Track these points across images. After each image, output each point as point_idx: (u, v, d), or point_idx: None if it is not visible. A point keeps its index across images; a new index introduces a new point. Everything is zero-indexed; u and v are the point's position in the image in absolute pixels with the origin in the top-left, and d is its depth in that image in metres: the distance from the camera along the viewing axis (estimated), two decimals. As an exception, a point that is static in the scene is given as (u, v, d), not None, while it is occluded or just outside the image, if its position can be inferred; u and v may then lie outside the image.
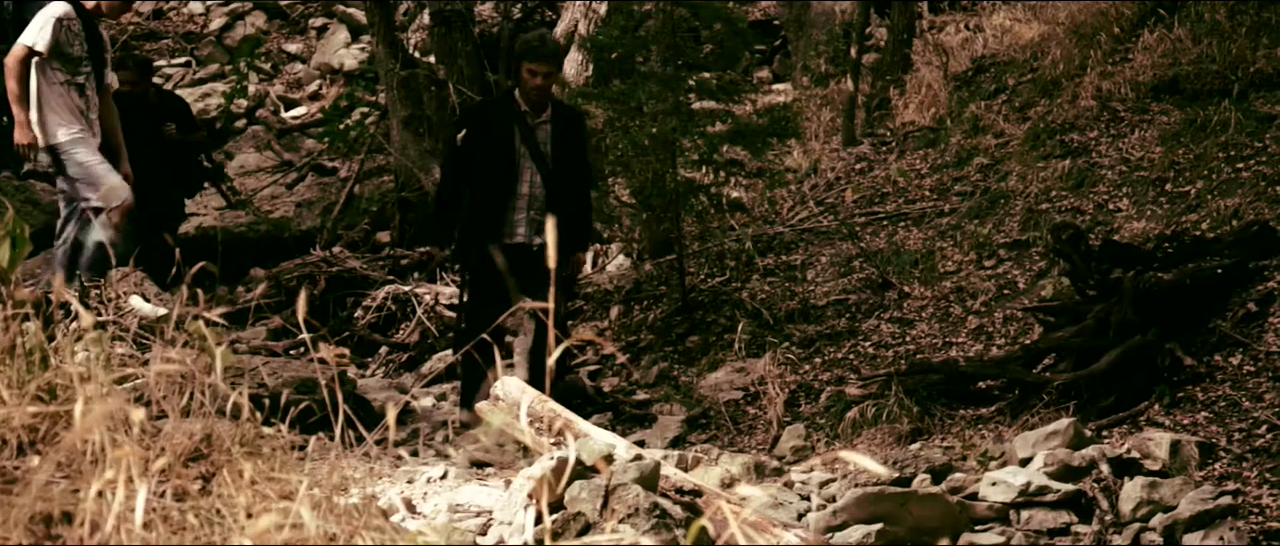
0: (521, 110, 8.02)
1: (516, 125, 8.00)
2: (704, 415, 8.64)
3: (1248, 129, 9.45)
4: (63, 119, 8.64)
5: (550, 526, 4.73)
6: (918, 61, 13.79)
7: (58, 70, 8.61)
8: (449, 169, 8.34)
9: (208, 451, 3.32)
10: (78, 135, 8.62)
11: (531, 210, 8.02)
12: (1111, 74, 11.18)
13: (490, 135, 8.04)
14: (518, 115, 8.01)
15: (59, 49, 8.59)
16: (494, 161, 7.97)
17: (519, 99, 8.03)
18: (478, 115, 8.66)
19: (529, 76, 7.91)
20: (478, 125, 8.20)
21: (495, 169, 7.96)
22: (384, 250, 12.51)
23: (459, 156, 8.14)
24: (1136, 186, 9.51)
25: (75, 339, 3.63)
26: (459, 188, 8.07)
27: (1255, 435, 6.69)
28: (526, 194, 8.02)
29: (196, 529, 3.04)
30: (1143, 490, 5.69)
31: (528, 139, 8.01)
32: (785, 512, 5.72)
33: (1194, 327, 7.54)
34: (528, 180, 8.02)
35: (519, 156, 8.00)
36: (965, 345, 8.62)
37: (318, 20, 17.93)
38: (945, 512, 5.61)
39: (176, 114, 11.53)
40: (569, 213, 7.85)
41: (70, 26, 8.66)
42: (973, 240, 9.81)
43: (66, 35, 8.64)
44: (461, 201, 8.04)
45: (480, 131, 8.10)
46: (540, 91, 7.98)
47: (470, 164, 8.02)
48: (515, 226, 8.03)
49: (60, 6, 8.75)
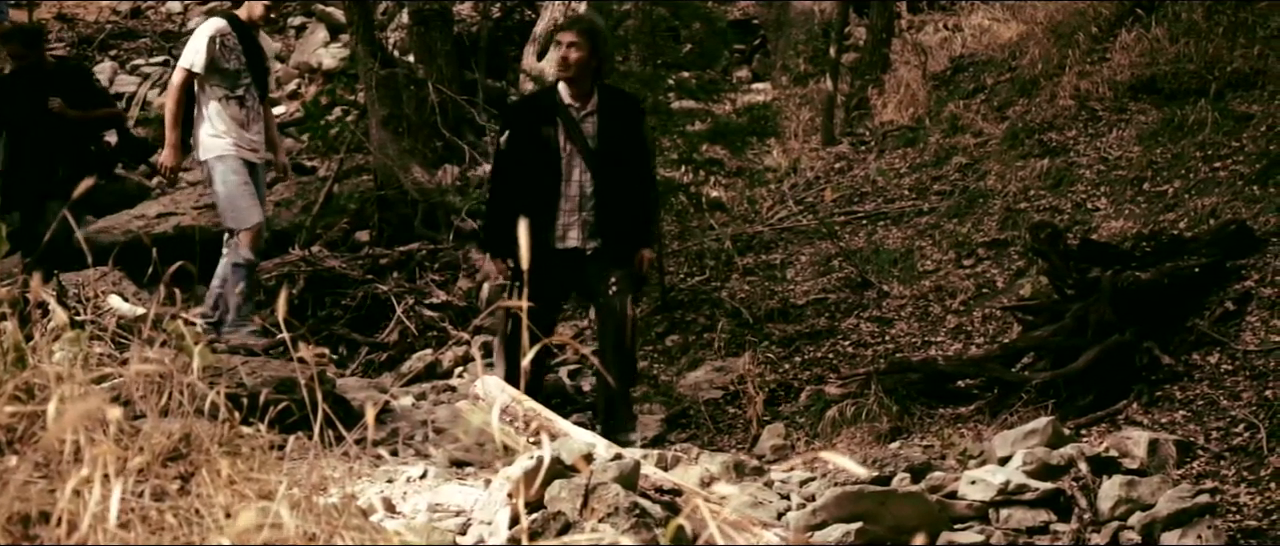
0: (565, 103, 7.55)
1: (560, 119, 7.53)
2: (684, 414, 8.64)
3: (1225, 128, 9.48)
4: (218, 134, 8.75)
5: (530, 526, 4.72)
6: (897, 61, 13.82)
7: (217, 85, 8.73)
8: (497, 174, 7.84)
9: (186, 451, 3.31)
10: (228, 152, 8.72)
11: (583, 211, 7.55)
12: (1089, 73, 11.22)
13: (533, 133, 7.57)
14: (561, 109, 7.54)
15: (215, 65, 8.70)
16: (540, 161, 7.52)
17: (562, 92, 7.57)
18: (520, 112, 8.05)
19: (556, 48, 7.54)
20: (521, 123, 7.71)
21: (542, 169, 7.51)
22: (363, 249, 12.48)
23: (504, 160, 7.68)
24: (1114, 186, 9.54)
25: (52, 338, 3.61)
26: (509, 193, 7.60)
27: (1233, 434, 6.71)
28: (576, 195, 7.55)
29: (175, 528, 3.04)
30: (1121, 488, 5.70)
31: (573, 134, 7.53)
32: (765, 511, 5.73)
33: (1172, 326, 7.56)
34: (576, 179, 7.54)
35: (564, 154, 7.53)
36: (944, 344, 8.63)
37: (296, 19, 17.89)
38: (925, 511, 5.61)
39: (73, 87, 10.53)
40: (627, 208, 7.59)
41: (225, 41, 8.74)
42: (952, 239, 9.84)
43: (221, 50, 8.72)
44: (512, 208, 7.51)
45: (523, 130, 7.63)
46: (567, 64, 7.46)
47: (518, 166, 7.59)
48: (567, 231, 7.56)
49: (214, 22, 8.89)
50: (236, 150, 8.76)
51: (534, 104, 7.94)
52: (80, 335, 3.63)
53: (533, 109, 7.80)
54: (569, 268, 7.49)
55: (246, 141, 8.81)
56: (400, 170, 12.65)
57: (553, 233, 7.50)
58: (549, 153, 7.50)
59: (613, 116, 7.62)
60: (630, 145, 7.70)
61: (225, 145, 8.73)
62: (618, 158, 7.59)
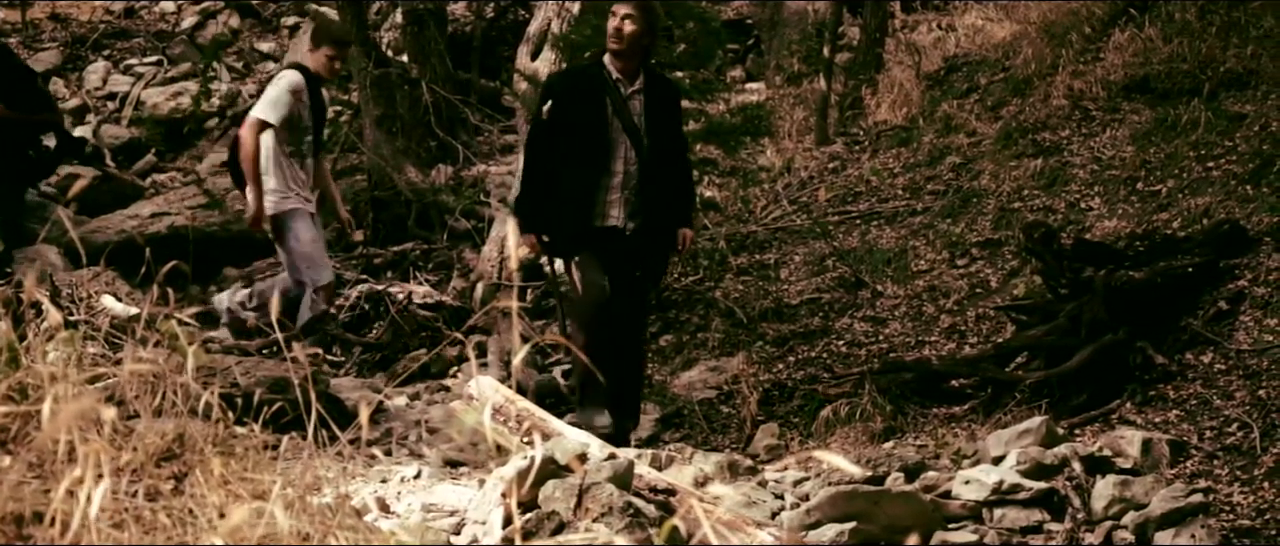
0: (613, 79, 7.30)
1: (608, 95, 7.28)
2: (678, 414, 8.64)
3: (1218, 128, 9.49)
4: (284, 190, 8.67)
5: (523, 525, 4.72)
6: (890, 61, 13.83)
7: (284, 142, 8.61)
8: (534, 146, 7.48)
9: (180, 451, 3.31)
10: (300, 207, 8.67)
11: (626, 190, 7.32)
12: (1083, 73, 11.23)
13: (579, 107, 7.28)
14: (609, 84, 7.29)
15: (289, 121, 8.61)
16: (585, 136, 7.26)
17: (609, 66, 7.31)
18: (565, 84, 7.63)
19: (609, 18, 7.28)
20: (565, 96, 7.38)
21: (586, 144, 7.26)
22: (357, 249, 12.48)
23: (545, 131, 7.34)
24: (1108, 185, 9.55)
25: (46, 338, 3.61)
26: (547, 167, 7.33)
27: (1226, 433, 6.72)
28: (621, 172, 7.29)
29: (169, 528, 3.03)
30: (1115, 488, 5.70)
31: (620, 110, 7.28)
32: (759, 511, 5.73)
33: (1165, 326, 7.57)
34: (622, 157, 7.29)
35: (612, 130, 7.27)
36: (938, 344, 8.64)
37: (290, 19, 17.88)
38: (918, 511, 5.61)
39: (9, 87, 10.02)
40: (668, 191, 7.47)
41: (301, 97, 8.64)
42: (945, 239, 9.84)
43: (298, 106, 8.63)
44: (551, 182, 7.30)
45: (568, 103, 7.32)
46: (620, 36, 7.24)
47: (558, 139, 7.29)
48: (608, 208, 7.32)
49: (294, 77, 8.73)
50: (305, 204, 8.72)
51: (581, 77, 7.55)
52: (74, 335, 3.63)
53: (579, 82, 7.48)
54: (606, 246, 7.31)
55: (306, 195, 8.76)
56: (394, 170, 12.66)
57: (594, 209, 7.30)
58: (596, 128, 7.25)
59: (658, 99, 7.45)
60: (673, 130, 7.59)
61: (296, 200, 8.67)
62: (661, 140, 7.42)
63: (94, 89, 16.63)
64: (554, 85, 7.64)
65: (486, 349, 9.70)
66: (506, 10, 16.57)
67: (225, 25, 17.68)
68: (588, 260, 7.28)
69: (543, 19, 11.65)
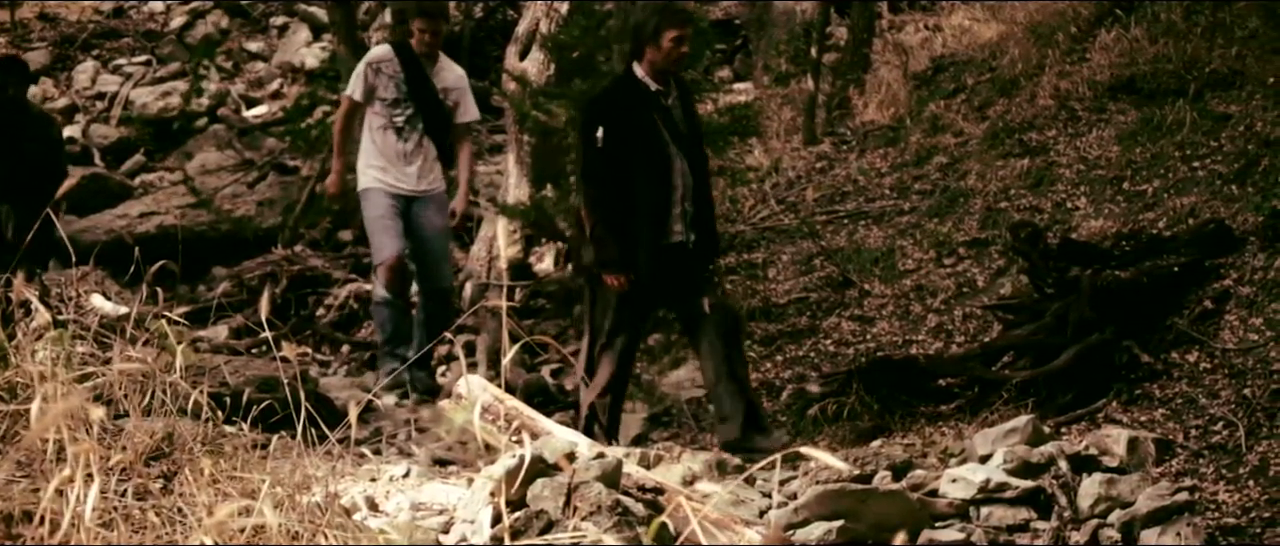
0: (652, 90, 7.15)
1: (654, 110, 7.14)
2: (666, 413, 8.66)
3: (1203, 128, 9.52)
4: (367, 166, 8.63)
5: (512, 524, 4.73)
6: (877, 61, 13.85)
7: (377, 115, 8.60)
8: (598, 177, 7.15)
9: (169, 450, 3.32)
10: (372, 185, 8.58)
11: (686, 203, 7.16)
12: (1069, 73, 11.25)
13: (630, 126, 7.10)
14: (650, 97, 7.14)
15: (373, 93, 8.59)
16: (643, 155, 7.08)
17: (644, 78, 7.15)
18: (609, 106, 7.30)
19: (673, 45, 7.07)
20: (613, 118, 7.15)
21: (649, 163, 7.07)
22: (345, 249, 12.49)
23: (605, 158, 7.08)
24: (1094, 185, 9.58)
25: (35, 337, 3.62)
26: (616, 195, 7.07)
27: (1212, 432, 6.75)
28: (679, 186, 7.14)
29: (158, 527, 3.05)
30: (1101, 486, 5.72)
31: (667, 122, 7.16)
32: (747, 510, 5.74)
33: (1151, 325, 7.59)
34: (678, 170, 7.14)
35: (666, 144, 7.12)
36: (925, 343, 8.66)
37: (279, 19, 17.86)
38: (906, 509, 5.63)
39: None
40: (710, 196, 7.48)
41: (380, 69, 8.59)
42: (932, 238, 9.86)
43: (377, 78, 8.58)
44: (625, 210, 7.06)
45: (620, 123, 7.11)
46: (681, 60, 7.20)
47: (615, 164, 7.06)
48: (674, 224, 7.15)
49: (375, 50, 8.82)
50: (380, 183, 8.59)
51: (626, 94, 7.27)
52: (63, 334, 3.64)
53: (626, 100, 7.24)
54: (671, 263, 7.18)
55: (397, 173, 8.61)
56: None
57: (666, 228, 7.12)
58: (654, 144, 7.10)
59: (687, 102, 7.41)
60: (701, 130, 7.57)
61: (371, 178, 8.61)
62: (700, 145, 7.41)
63: (83, 88, 16.60)
64: (599, 108, 7.34)
65: (475, 348, 9.71)
66: (495, 10, 16.57)
67: (214, 25, 17.66)
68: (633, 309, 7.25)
69: (531, 19, 11.65)
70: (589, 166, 7.24)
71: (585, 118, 7.36)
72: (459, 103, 8.79)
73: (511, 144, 11.48)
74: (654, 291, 7.25)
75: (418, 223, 8.68)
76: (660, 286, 7.23)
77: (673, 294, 7.33)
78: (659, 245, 7.08)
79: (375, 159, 8.61)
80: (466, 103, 8.84)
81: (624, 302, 7.14)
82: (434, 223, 8.74)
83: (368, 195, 8.61)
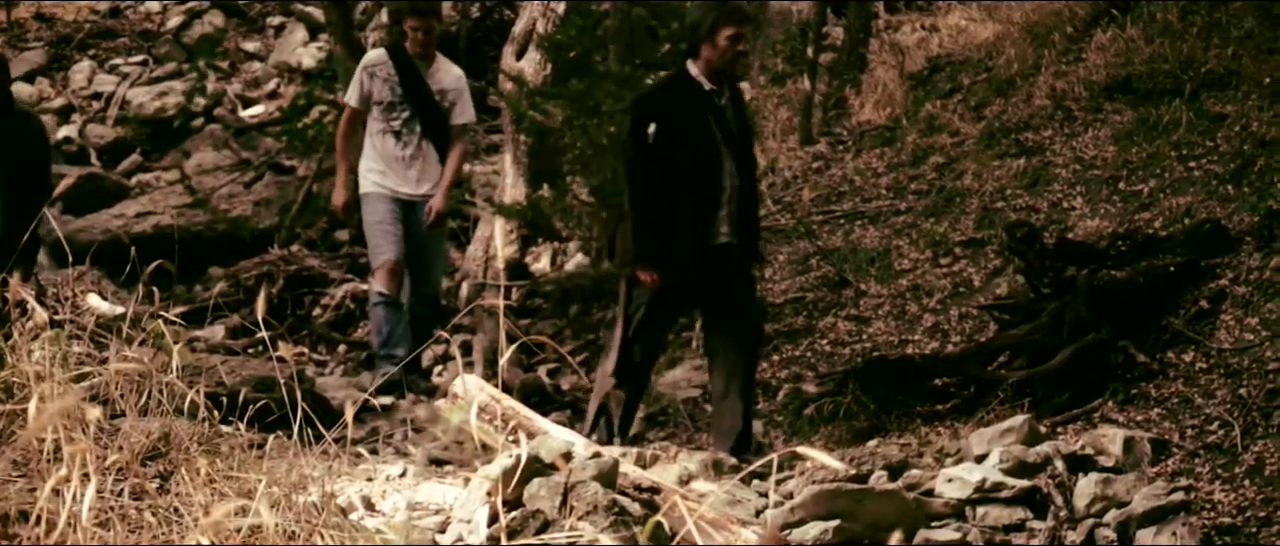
0: (706, 89, 7.06)
1: (707, 109, 7.06)
2: (662, 412, 8.66)
3: (1199, 128, 9.53)
4: (367, 170, 8.60)
5: (508, 524, 4.74)
6: (874, 61, 13.84)
7: (375, 119, 8.57)
8: (644, 174, 7.04)
9: (166, 449, 3.32)
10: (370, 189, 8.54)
11: (733, 204, 7.08)
12: (1065, 73, 11.26)
13: (686, 124, 7.02)
14: (704, 96, 7.05)
15: (370, 98, 8.56)
16: (693, 154, 7.01)
17: (698, 77, 7.07)
18: (662, 102, 7.20)
19: (729, 44, 6.98)
20: (666, 114, 7.05)
21: (698, 162, 7.00)
22: (342, 248, 12.49)
23: (654, 156, 6.99)
24: (1090, 185, 9.58)
25: (32, 337, 3.62)
26: (661, 192, 6.99)
27: (1207, 431, 6.76)
28: (728, 186, 7.06)
29: (154, 527, 3.05)
30: (1097, 486, 5.73)
31: (719, 122, 7.08)
32: (743, 509, 5.75)
33: (1147, 325, 7.60)
34: (727, 170, 7.06)
35: (717, 144, 7.05)
36: (921, 342, 8.67)
37: (275, 19, 17.86)
38: (902, 509, 5.64)
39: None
40: (756, 198, 7.46)
41: (375, 73, 8.55)
42: (929, 238, 9.87)
43: (373, 82, 8.54)
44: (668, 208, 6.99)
45: (672, 121, 7.02)
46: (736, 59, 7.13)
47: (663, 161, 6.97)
48: (720, 225, 7.06)
49: (370, 54, 8.78)
50: (380, 187, 8.55)
51: (675, 92, 7.19)
52: (59, 334, 3.64)
53: (676, 98, 7.15)
54: (716, 264, 7.11)
55: (397, 177, 8.58)
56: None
57: (712, 229, 7.05)
58: (706, 143, 7.02)
59: (738, 103, 7.34)
60: (750, 132, 7.52)
61: (370, 182, 8.58)
62: (749, 145, 7.38)
63: (79, 88, 16.60)
64: (651, 104, 7.24)
65: (472, 347, 9.71)
66: (491, 10, 16.57)
67: (211, 25, 17.65)
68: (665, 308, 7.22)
69: (528, 19, 11.66)
70: (636, 162, 7.13)
71: (636, 113, 7.25)
72: (456, 103, 8.71)
73: (508, 144, 11.49)
74: (691, 291, 7.21)
75: (417, 227, 8.62)
76: (699, 287, 7.19)
77: (709, 295, 7.26)
78: (704, 245, 7.02)
79: (375, 163, 8.59)
80: (463, 104, 8.75)
81: (659, 300, 7.10)
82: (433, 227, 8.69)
83: (368, 199, 8.58)
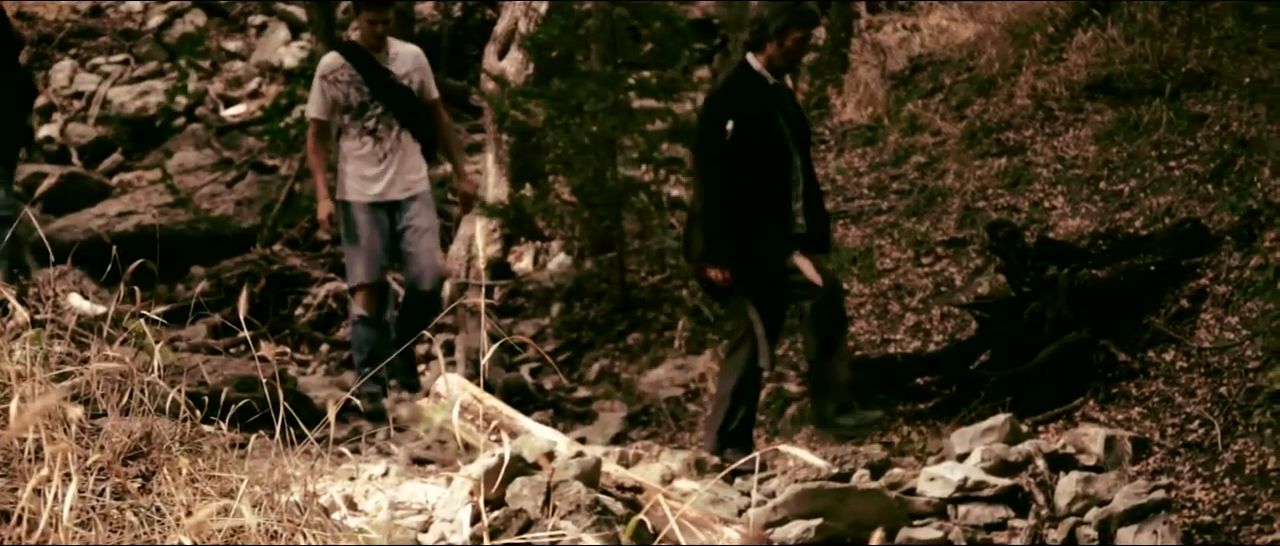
0: (771, 84, 7.14)
1: (774, 103, 7.13)
2: (645, 412, 8.67)
3: (1179, 128, 9.55)
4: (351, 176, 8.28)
5: (491, 523, 4.74)
6: (855, 61, 13.85)
7: (348, 125, 8.25)
8: (721, 171, 7.07)
9: (147, 449, 3.32)
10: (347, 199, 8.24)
11: (803, 195, 7.21)
12: (1046, 73, 11.28)
13: (756, 120, 7.05)
14: (770, 91, 7.13)
15: (337, 105, 8.24)
16: (767, 149, 7.05)
17: (761, 71, 7.12)
18: (736, 99, 7.17)
19: (796, 45, 7.14)
20: (741, 111, 7.06)
21: (770, 157, 7.05)
22: (324, 248, 12.47)
23: (732, 153, 7.01)
24: (1071, 184, 9.60)
25: (12, 337, 3.61)
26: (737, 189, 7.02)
27: (1188, 430, 6.78)
28: (798, 179, 7.17)
29: (136, 527, 3.04)
30: (1078, 485, 5.76)
31: (785, 115, 7.16)
32: (725, 508, 5.76)
33: (1128, 324, 7.63)
34: (796, 164, 7.16)
35: (787, 137, 7.12)
36: (903, 342, 8.68)
37: (257, 18, 17.82)
38: (883, 507, 5.66)
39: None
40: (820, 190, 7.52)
41: (336, 78, 8.23)
42: (910, 238, 9.88)
43: (335, 88, 8.23)
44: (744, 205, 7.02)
45: (745, 117, 7.03)
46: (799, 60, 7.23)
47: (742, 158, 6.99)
48: (795, 217, 7.19)
49: (324, 61, 8.39)
50: (360, 196, 8.23)
51: (748, 88, 7.18)
52: (40, 334, 3.63)
53: (750, 93, 7.15)
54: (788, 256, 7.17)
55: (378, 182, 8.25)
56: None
57: (789, 222, 7.15)
58: (775, 138, 7.08)
59: (793, 98, 7.38)
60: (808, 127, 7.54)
61: (351, 190, 8.26)
62: (808, 140, 7.44)
63: (60, 88, 16.54)
64: (727, 102, 7.21)
65: (454, 347, 9.71)
66: (474, 10, 16.56)
67: (192, 24, 17.61)
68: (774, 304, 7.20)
69: (510, 19, 11.65)
70: (715, 159, 7.12)
71: (712, 111, 7.27)
72: (423, 82, 8.38)
73: (490, 143, 11.49)
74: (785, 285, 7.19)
75: (403, 227, 8.34)
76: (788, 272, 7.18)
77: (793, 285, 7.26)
78: (785, 237, 7.11)
79: (353, 168, 8.27)
80: (429, 79, 8.43)
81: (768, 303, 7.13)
82: (420, 224, 8.36)
83: (345, 210, 8.28)
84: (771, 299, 7.15)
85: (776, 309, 7.20)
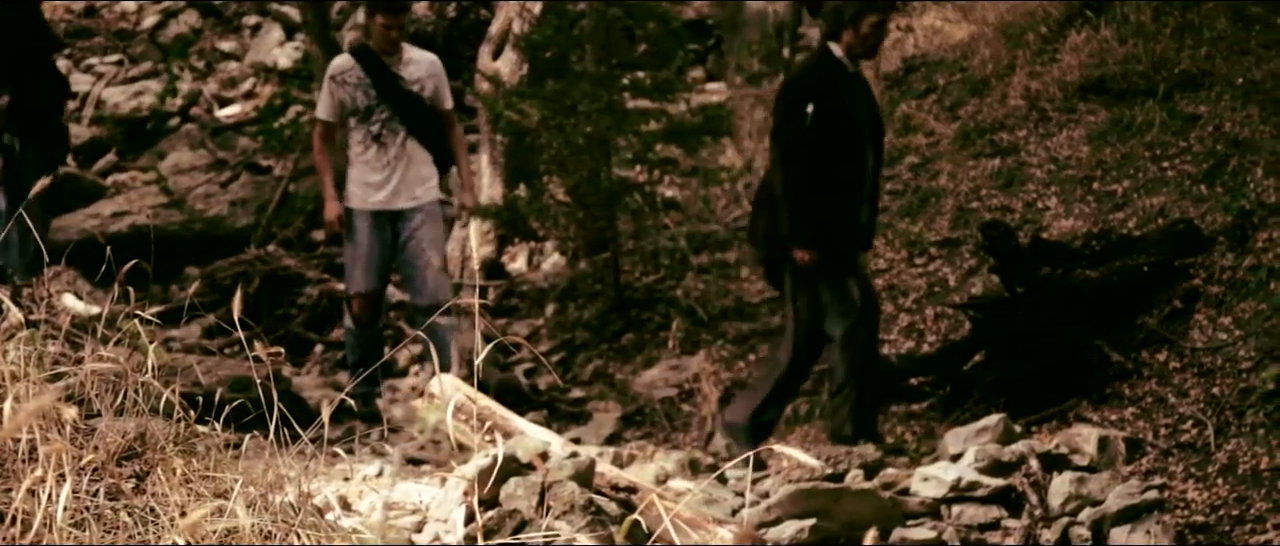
0: (850, 72, 7.08)
1: (853, 90, 7.10)
2: (639, 412, 8.67)
3: (1172, 128, 9.56)
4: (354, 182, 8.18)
5: (485, 523, 4.74)
6: (850, 61, 13.85)
7: (354, 128, 8.13)
8: (802, 155, 7.00)
9: (142, 450, 3.31)
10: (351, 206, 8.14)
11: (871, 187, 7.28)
12: (1040, 74, 11.29)
13: (836, 107, 7.01)
14: (849, 78, 7.07)
15: (345, 107, 8.12)
16: (843, 134, 7.02)
17: (842, 58, 7.06)
18: (817, 84, 7.11)
19: (872, 31, 7.06)
20: (822, 95, 7.01)
21: (846, 143, 7.02)
22: (319, 248, 12.46)
23: (812, 138, 6.96)
24: (1064, 185, 9.62)
25: (6, 337, 3.61)
26: (817, 173, 6.97)
27: (1181, 430, 6.80)
28: (871, 168, 7.20)
29: (130, 527, 3.04)
30: (1071, 485, 5.76)
31: (862, 104, 7.14)
32: (719, 508, 5.76)
33: (1121, 325, 7.64)
34: (870, 154, 7.18)
35: (862, 126, 7.10)
36: (897, 342, 8.69)
37: (252, 18, 17.81)
38: (877, 508, 5.66)
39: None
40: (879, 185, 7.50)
41: (344, 80, 8.11)
42: (904, 238, 9.89)
43: (343, 90, 8.11)
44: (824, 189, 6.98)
45: (825, 102, 6.98)
46: (877, 46, 7.22)
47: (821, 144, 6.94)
48: (864, 204, 7.22)
49: (335, 62, 8.29)
50: (359, 202, 8.14)
51: (827, 73, 7.13)
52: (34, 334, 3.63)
53: (829, 79, 7.11)
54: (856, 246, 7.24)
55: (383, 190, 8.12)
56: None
57: (858, 209, 7.15)
58: (855, 127, 7.06)
59: (868, 86, 7.37)
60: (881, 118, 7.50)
61: (355, 198, 8.16)
62: (881, 132, 7.40)
63: (55, 88, 16.50)
64: (808, 86, 7.16)
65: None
66: (468, 10, 16.55)
67: (186, 25, 17.60)
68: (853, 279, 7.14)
69: (504, 19, 11.65)
70: (795, 143, 7.04)
71: (793, 94, 7.18)
72: (436, 90, 8.24)
73: (485, 144, 11.49)
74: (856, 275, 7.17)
75: (407, 238, 8.19)
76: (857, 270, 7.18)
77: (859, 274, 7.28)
78: (855, 225, 7.12)
79: (357, 174, 8.17)
80: (444, 89, 8.30)
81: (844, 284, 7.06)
82: (424, 236, 8.19)
83: (355, 219, 8.18)
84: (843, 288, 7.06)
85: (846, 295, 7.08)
